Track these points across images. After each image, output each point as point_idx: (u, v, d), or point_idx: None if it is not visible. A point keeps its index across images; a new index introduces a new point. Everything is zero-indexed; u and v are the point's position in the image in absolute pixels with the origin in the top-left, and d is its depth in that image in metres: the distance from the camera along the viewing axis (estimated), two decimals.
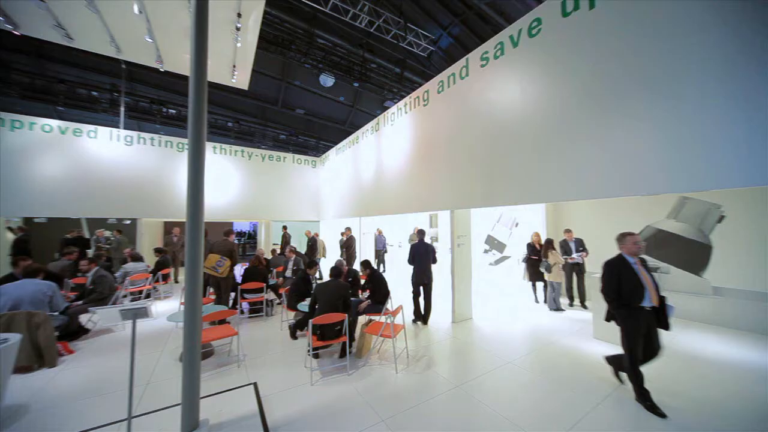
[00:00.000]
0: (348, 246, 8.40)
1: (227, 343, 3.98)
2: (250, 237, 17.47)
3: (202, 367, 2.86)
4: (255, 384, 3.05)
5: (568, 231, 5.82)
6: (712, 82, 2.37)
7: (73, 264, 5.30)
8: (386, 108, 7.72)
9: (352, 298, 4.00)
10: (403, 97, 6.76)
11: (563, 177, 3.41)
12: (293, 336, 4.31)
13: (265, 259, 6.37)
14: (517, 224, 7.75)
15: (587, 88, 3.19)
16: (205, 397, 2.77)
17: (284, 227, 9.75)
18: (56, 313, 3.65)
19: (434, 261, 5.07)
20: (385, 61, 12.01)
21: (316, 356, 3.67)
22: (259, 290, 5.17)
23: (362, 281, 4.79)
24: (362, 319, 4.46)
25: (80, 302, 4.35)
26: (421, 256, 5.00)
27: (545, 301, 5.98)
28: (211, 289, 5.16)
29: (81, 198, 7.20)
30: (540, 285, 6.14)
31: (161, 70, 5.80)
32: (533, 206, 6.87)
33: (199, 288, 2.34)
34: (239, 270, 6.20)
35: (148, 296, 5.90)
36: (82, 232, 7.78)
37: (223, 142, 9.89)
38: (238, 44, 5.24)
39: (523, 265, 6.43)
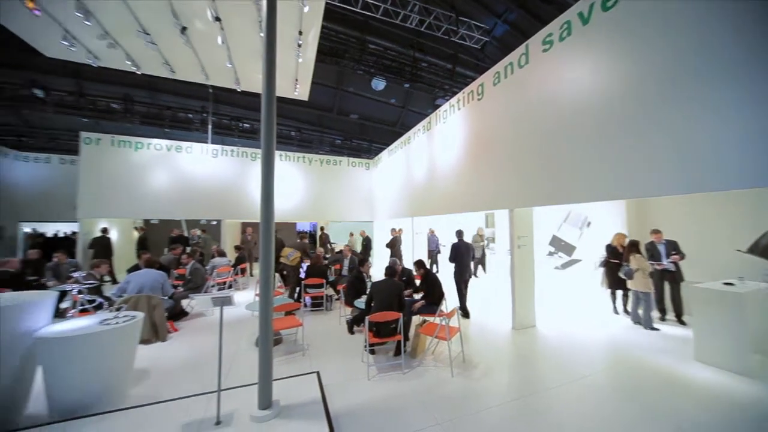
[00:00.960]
0: (392, 245, 8.53)
1: (293, 333, 4.37)
2: (311, 236, 18.87)
3: (273, 353, 3.21)
4: (318, 373, 3.29)
5: (656, 232, 4.92)
6: None
7: (176, 258, 6.43)
8: (438, 106, 7.59)
9: (406, 298, 4.04)
10: (455, 93, 6.56)
11: (642, 170, 2.94)
12: (350, 331, 4.53)
13: (325, 257, 6.81)
14: (589, 224, 6.88)
15: (676, 66, 2.69)
16: (276, 380, 3.10)
17: (351, 233, 10.32)
18: (166, 298, 4.47)
19: (473, 258, 5.49)
20: (436, 58, 11.80)
21: (372, 352, 3.79)
22: (320, 286, 5.56)
23: (417, 281, 4.80)
24: (416, 320, 4.46)
25: (181, 290, 5.25)
26: (462, 254, 5.31)
27: (626, 312, 5.18)
28: (279, 283, 5.73)
29: (181, 202, 8.71)
30: (620, 294, 5.33)
31: (239, 90, 6.66)
32: (609, 204, 6.01)
33: (272, 284, 2.63)
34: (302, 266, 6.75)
35: (230, 287, 6.82)
36: (183, 231, 9.35)
37: (287, 150, 10.89)
38: (300, 60, 5.72)
39: (601, 270, 5.64)
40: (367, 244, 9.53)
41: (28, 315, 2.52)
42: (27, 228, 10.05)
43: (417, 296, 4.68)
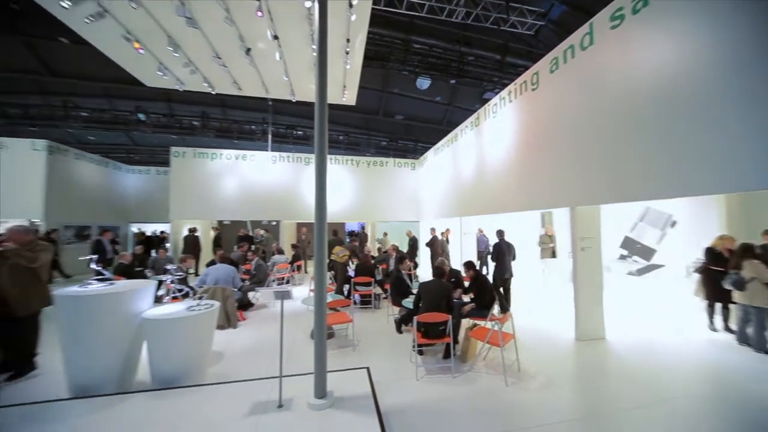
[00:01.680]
0: (431, 245, 8.46)
1: (344, 328, 4.59)
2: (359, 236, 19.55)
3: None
4: (368, 369, 3.40)
5: None
6: None
7: (243, 255, 7.24)
8: (486, 100, 7.24)
9: (455, 300, 3.95)
10: (505, 85, 6.17)
11: (749, 158, 2.41)
12: (398, 330, 4.58)
13: (372, 256, 7.00)
14: (673, 224, 5.88)
15: None
16: (329, 371, 3.29)
17: (408, 232, 10.40)
18: (236, 290, 5.06)
19: (514, 258, 5.63)
20: (484, 50, 11.24)
21: (420, 353, 3.78)
22: (368, 284, 5.73)
23: (466, 283, 4.65)
24: (466, 323, 4.32)
25: (248, 283, 5.89)
26: (504, 253, 5.46)
27: (727, 330, 4.31)
28: (330, 280, 6.08)
29: (246, 205, 9.79)
30: (719, 307, 4.44)
31: (293, 100, 7.22)
32: (699, 201, 5.04)
33: (325, 280, 2.81)
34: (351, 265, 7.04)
35: (287, 282, 7.43)
36: (248, 231, 10.48)
37: (335, 153, 11.46)
38: (347, 66, 5.97)
39: (697, 277, 4.70)
40: (413, 244, 9.52)
41: (138, 299, 3.09)
42: (134, 228, 12.27)
43: (466, 298, 4.54)
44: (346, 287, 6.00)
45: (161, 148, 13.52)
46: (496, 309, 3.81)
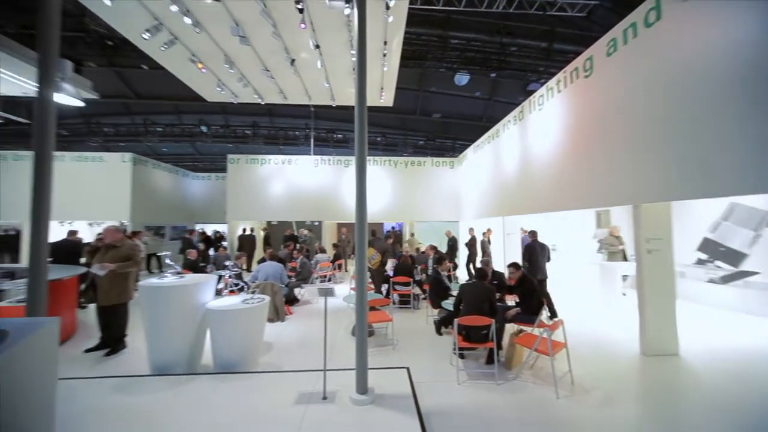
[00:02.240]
0: (470, 245, 8.28)
1: (384, 327, 4.65)
2: (396, 236, 19.71)
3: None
4: (408, 369, 3.42)
5: None
6: None
7: (290, 253, 7.74)
8: (531, 92, 6.78)
9: (498, 303, 3.77)
10: (552, 74, 5.71)
11: None
12: (438, 332, 4.51)
13: (411, 256, 6.99)
14: None
15: None
16: (370, 368, 3.36)
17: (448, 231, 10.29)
18: (283, 286, 5.43)
19: (548, 259, 5.49)
20: (528, 39, 10.54)
21: (461, 356, 3.68)
22: (407, 284, 5.74)
23: (510, 286, 4.42)
24: (511, 328, 4.10)
25: (294, 280, 6.28)
26: (537, 254, 5.37)
27: None
28: (369, 279, 6.20)
29: (291, 206, 10.45)
30: None
31: (333, 105, 7.52)
32: None
33: (366, 279, 2.88)
34: (390, 265, 7.11)
35: (329, 280, 7.76)
36: (293, 231, 11.19)
37: (373, 154, 11.67)
38: (385, 68, 6.05)
39: None
40: (452, 244, 9.28)
41: (203, 292, 3.48)
42: (198, 227, 13.82)
43: (510, 301, 4.31)
44: (384, 287, 6.08)
45: (220, 156, 15.00)
46: (544, 315, 3.55)
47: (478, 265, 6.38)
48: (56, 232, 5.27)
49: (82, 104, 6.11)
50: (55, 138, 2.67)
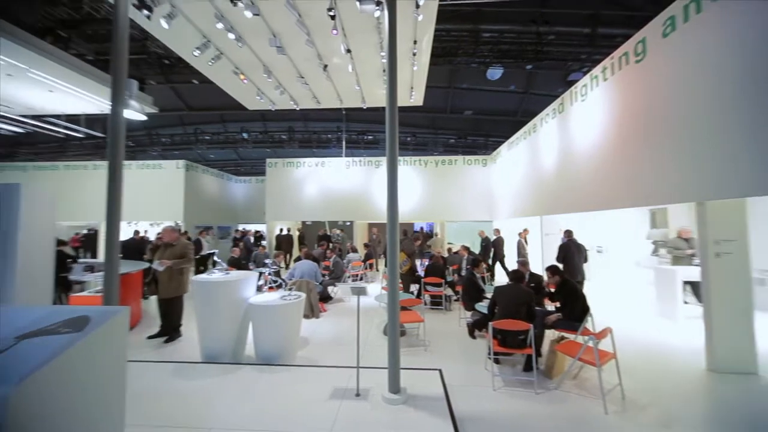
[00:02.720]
0: (496, 246, 8.09)
1: (415, 327, 4.63)
2: (429, 236, 19.51)
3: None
4: (440, 371, 3.37)
5: None
6: None
7: (323, 252, 8.03)
8: (572, 83, 6.31)
9: (537, 308, 3.58)
10: (597, 61, 5.26)
11: None
12: (471, 335, 4.39)
13: (443, 257, 6.88)
14: None
15: None
16: (402, 368, 3.37)
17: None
18: (318, 284, 5.64)
19: (586, 260, 5.28)
20: (568, 26, 9.83)
21: (496, 361, 3.55)
22: (438, 285, 5.65)
23: (551, 290, 4.16)
24: (551, 334, 3.87)
25: (327, 278, 6.50)
26: (573, 255, 5.12)
27: None
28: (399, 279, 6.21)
29: (324, 207, 10.82)
30: None
31: (364, 107, 7.66)
32: None
33: (397, 279, 2.90)
34: (419, 264, 7.06)
35: (361, 279, 7.90)
36: (326, 231, 11.59)
37: (402, 154, 11.66)
38: (415, 68, 6.02)
39: None
40: (486, 244, 8.95)
41: (245, 287, 3.74)
42: (240, 227, 14.88)
43: (549, 306, 4.06)
44: (415, 287, 6.04)
45: (259, 161, 15.97)
46: (590, 321, 3.29)
47: (513, 266, 6.10)
48: (125, 232, 6.00)
49: (144, 118, 6.90)
50: (124, 149, 3.04)
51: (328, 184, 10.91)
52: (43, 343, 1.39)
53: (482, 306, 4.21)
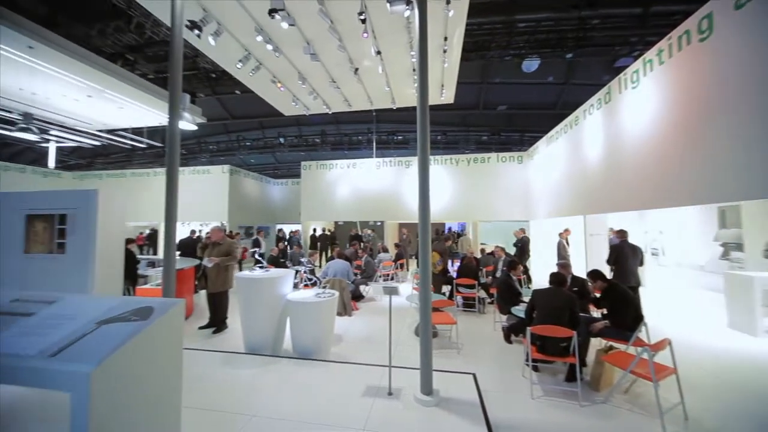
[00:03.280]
0: (521, 246, 7.80)
1: (448, 329, 4.55)
2: (459, 236, 19.04)
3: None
4: (474, 375, 3.28)
5: None
6: None
7: (355, 251, 8.19)
8: (620, 69, 5.75)
9: (581, 314, 3.33)
10: (651, 44, 4.75)
11: None
12: (507, 339, 4.21)
13: (476, 258, 6.67)
14: None
15: None
16: (434, 370, 3.33)
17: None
18: (350, 282, 5.78)
19: (641, 263, 4.79)
20: (614, 7, 8.98)
21: (535, 369, 3.37)
22: (471, 286, 5.50)
23: (596, 295, 3.85)
24: (597, 342, 3.57)
25: (359, 277, 6.63)
26: (627, 257, 4.68)
27: None
28: None
29: (356, 207, 11.06)
30: None
31: (394, 108, 7.70)
32: None
33: (429, 279, 2.87)
34: (450, 265, 6.91)
35: (392, 279, 7.94)
36: (358, 231, 11.83)
37: (434, 154, 11.50)
38: (445, 65, 5.92)
39: None
40: (522, 245, 8.51)
41: (283, 284, 3.95)
42: (278, 227, 15.75)
43: (595, 312, 3.75)
44: (447, 288, 5.93)
45: (295, 164, 16.75)
46: (643, 331, 2.98)
47: (552, 268, 5.71)
48: (180, 231, 6.63)
49: (195, 128, 7.58)
50: (179, 156, 3.38)
51: (359, 184, 11.14)
52: (117, 329, 1.60)
53: (519, 310, 4.02)
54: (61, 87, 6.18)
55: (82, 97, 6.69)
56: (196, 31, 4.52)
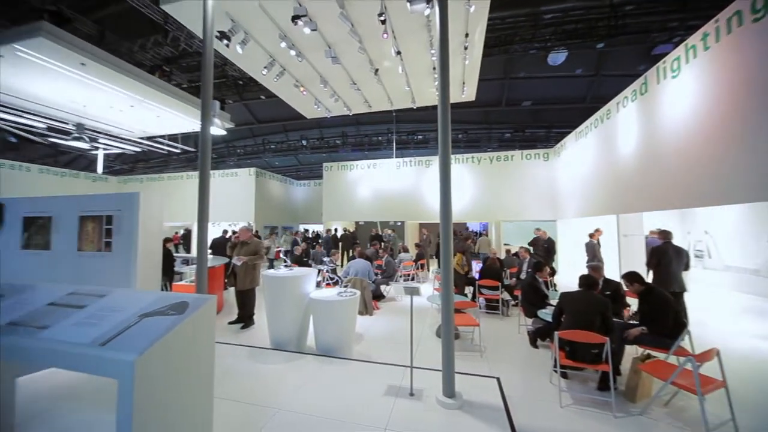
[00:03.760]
0: (534, 245, 7.52)
1: (470, 331, 4.46)
2: (479, 236, 18.59)
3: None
4: (498, 379, 3.19)
5: None
6: None
7: (376, 251, 8.25)
8: (658, 57, 5.34)
9: (615, 319, 3.14)
10: (694, 28, 4.37)
11: None
12: (533, 344, 4.06)
13: (499, 259, 6.49)
14: None
15: None
16: (456, 373, 3.28)
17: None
18: (371, 282, 5.82)
19: (687, 268, 4.34)
20: None
21: (564, 375, 3.22)
22: (495, 288, 5.35)
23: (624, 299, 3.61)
24: (632, 350, 3.35)
25: (380, 277, 6.66)
26: (670, 260, 4.27)
27: None
28: None
29: (376, 207, 11.14)
30: None
31: (414, 108, 7.66)
32: None
33: (451, 280, 2.83)
34: (475, 266, 6.76)
35: (412, 279, 7.91)
36: (378, 231, 11.90)
37: (454, 152, 11.32)
38: (466, 62, 5.81)
39: None
40: (548, 246, 8.15)
41: (307, 282, 4.06)
42: (301, 227, 16.19)
43: (631, 318, 3.52)
44: (469, 289, 5.82)
45: (317, 165, 17.15)
46: (686, 339, 2.76)
47: (582, 270, 5.41)
48: (212, 231, 7.02)
49: (225, 133, 7.98)
50: (210, 160, 3.58)
51: (379, 185, 11.20)
52: (157, 322, 1.73)
53: (545, 313, 3.86)
54: (109, 99, 6.75)
55: (125, 108, 7.27)
56: (225, 41, 4.76)
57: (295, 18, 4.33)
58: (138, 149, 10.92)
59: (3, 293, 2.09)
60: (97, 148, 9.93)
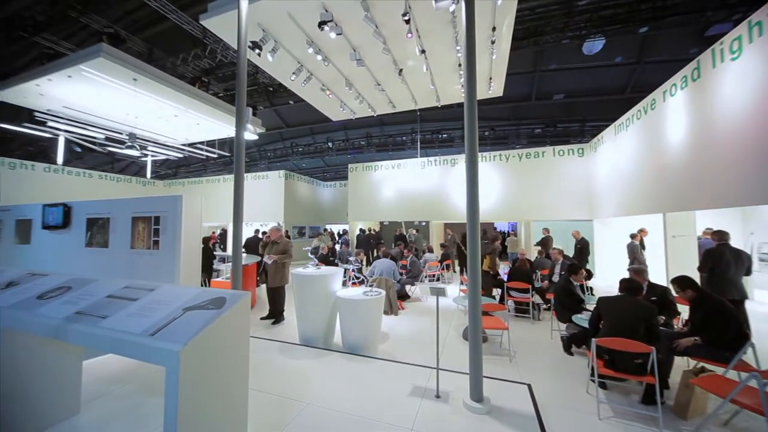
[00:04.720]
0: (543, 244, 7.22)
1: (498, 335, 4.32)
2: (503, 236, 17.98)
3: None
4: (529, 386, 3.06)
5: None
6: None
7: (401, 251, 8.25)
8: (711, 40, 4.81)
9: (661, 327, 2.89)
10: (757, 3, 3.88)
11: None
12: (567, 350, 3.84)
13: (529, 260, 6.22)
14: None
15: None
16: (485, 377, 3.19)
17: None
18: (396, 282, 5.83)
19: (748, 273, 3.92)
20: None
21: (602, 385, 3.01)
22: (525, 290, 5.13)
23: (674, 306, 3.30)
24: (682, 362, 3.06)
25: (405, 277, 6.65)
26: (727, 264, 3.86)
27: None
28: None
29: (401, 207, 11.16)
30: None
31: (439, 106, 7.57)
32: None
33: (479, 281, 2.77)
34: (503, 268, 6.53)
35: (438, 279, 7.81)
36: (403, 231, 11.90)
37: (481, 150, 11.00)
38: (494, 56, 5.63)
39: None
40: (582, 247, 7.65)
41: (333, 281, 4.16)
42: (327, 227, 16.61)
43: (680, 327, 3.21)
44: (498, 291, 5.63)
45: (342, 166, 17.50)
46: (749, 352, 2.46)
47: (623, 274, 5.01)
48: (246, 231, 7.41)
49: (256, 137, 8.39)
50: (244, 163, 3.78)
51: (404, 185, 11.19)
52: (199, 315, 1.87)
53: (581, 318, 3.64)
54: (156, 109, 7.40)
55: (170, 117, 7.92)
56: (257, 50, 5.02)
57: (321, 24, 4.46)
58: (180, 155, 11.82)
59: (71, 286, 2.37)
60: (146, 155, 10.90)
